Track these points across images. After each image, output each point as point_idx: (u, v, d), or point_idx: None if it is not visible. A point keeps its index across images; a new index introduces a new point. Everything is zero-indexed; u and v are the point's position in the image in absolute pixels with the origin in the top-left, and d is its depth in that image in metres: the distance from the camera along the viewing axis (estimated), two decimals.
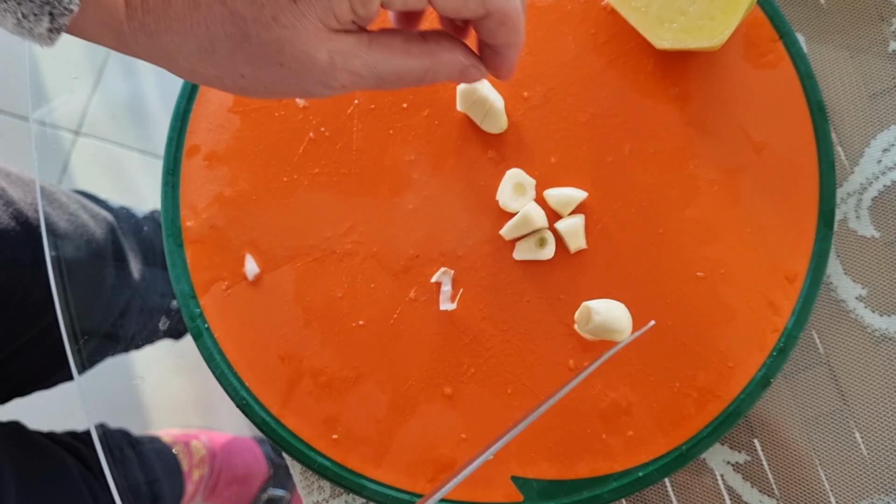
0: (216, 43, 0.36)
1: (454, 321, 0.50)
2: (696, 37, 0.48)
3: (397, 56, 0.39)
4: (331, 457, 0.49)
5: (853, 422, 0.49)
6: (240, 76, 0.38)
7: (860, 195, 0.51)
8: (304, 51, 0.36)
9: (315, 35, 0.36)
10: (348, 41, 0.37)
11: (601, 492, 0.48)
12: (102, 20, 0.36)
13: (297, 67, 0.37)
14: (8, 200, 0.68)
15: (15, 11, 0.33)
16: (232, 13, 0.35)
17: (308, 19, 0.36)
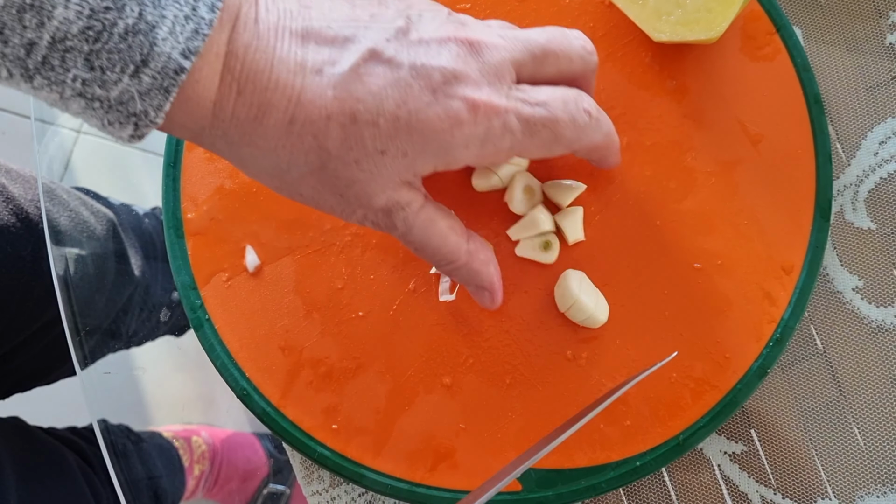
0: (293, 167, 0.38)
1: (453, 312, 0.50)
2: (693, 29, 0.49)
3: (435, 231, 0.41)
4: (330, 446, 0.50)
5: (849, 412, 0.50)
6: (298, 194, 0.39)
7: (857, 187, 0.52)
8: (368, 193, 0.38)
9: (385, 182, 0.38)
10: (408, 195, 0.39)
11: (599, 481, 0.48)
12: (184, 124, 0.37)
13: (354, 202, 0.38)
14: (8, 197, 0.69)
15: (101, 118, 0.34)
16: (320, 147, 0.36)
17: (387, 169, 0.37)
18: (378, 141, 0.36)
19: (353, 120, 0.36)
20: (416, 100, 0.36)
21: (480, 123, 0.37)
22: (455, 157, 0.38)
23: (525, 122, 0.38)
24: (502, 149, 0.39)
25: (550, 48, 0.40)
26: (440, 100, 0.36)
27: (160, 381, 0.83)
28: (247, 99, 0.36)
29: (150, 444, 0.87)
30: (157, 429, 0.96)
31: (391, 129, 0.36)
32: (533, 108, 0.38)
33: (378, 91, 0.36)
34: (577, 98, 0.40)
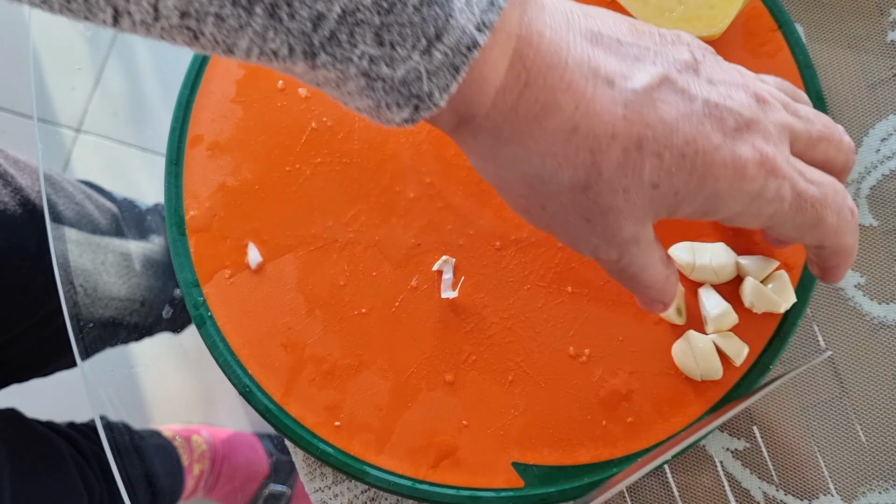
0: (555, 178, 0.34)
1: (455, 309, 0.50)
2: (695, 26, 0.49)
3: (652, 266, 0.38)
4: (333, 443, 0.50)
5: (852, 409, 0.50)
6: (541, 207, 0.36)
7: (858, 184, 0.52)
8: (619, 224, 0.35)
9: (640, 218, 0.35)
10: (648, 234, 0.37)
11: (602, 477, 0.48)
12: (456, 109, 0.33)
13: (599, 231, 0.36)
14: (16, 187, 0.69)
15: (379, 99, 0.31)
16: (594, 165, 0.34)
17: (651, 204, 0.35)
18: (656, 174, 0.34)
19: (639, 146, 0.33)
20: (707, 140, 0.34)
21: (759, 181, 0.34)
22: (720, 208, 0.36)
23: (797, 196, 0.36)
24: (763, 214, 0.36)
25: (826, 134, 0.39)
26: (730, 145, 0.34)
27: (161, 379, 0.83)
28: (534, 94, 0.33)
29: (149, 442, 0.87)
30: (156, 427, 0.96)
31: (674, 165, 0.33)
32: (807, 183, 0.36)
33: (670, 121, 0.33)
34: (846, 193, 0.38)
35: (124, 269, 0.73)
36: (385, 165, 0.52)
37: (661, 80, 0.34)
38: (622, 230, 0.35)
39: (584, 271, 0.50)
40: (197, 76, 0.55)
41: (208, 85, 0.55)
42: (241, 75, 0.55)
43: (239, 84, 0.54)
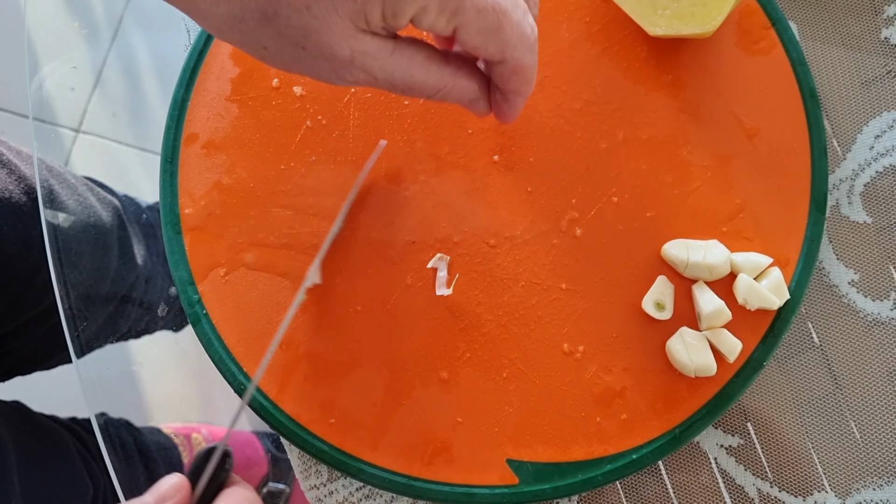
0: (246, 13, 0.37)
1: (450, 306, 0.51)
2: (688, 23, 0.49)
3: (416, 69, 0.39)
4: (328, 441, 0.50)
5: (846, 406, 0.50)
6: (262, 47, 0.38)
7: (852, 181, 0.52)
8: (327, 43, 0.37)
9: (342, 31, 0.37)
10: (373, 44, 0.38)
11: (595, 474, 0.48)
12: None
13: (317, 55, 0.37)
14: (20, 176, 0.69)
15: None
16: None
17: (339, 15, 0.36)
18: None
19: None
20: None
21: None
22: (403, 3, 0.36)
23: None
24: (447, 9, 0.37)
25: None
26: None
27: (159, 379, 0.83)
28: None
29: (150, 440, 0.87)
30: (156, 426, 0.96)
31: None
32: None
33: None
34: (527, 10, 0.39)
35: (125, 262, 0.73)
36: (379, 163, 0.52)
37: None
38: (335, 48, 0.37)
39: (579, 268, 0.50)
40: (192, 74, 0.55)
41: (203, 83, 0.55)
42: (236, 73, 0.55)
43: (234, 82, 0.55)
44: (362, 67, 0.38)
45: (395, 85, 0.40)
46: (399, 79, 0.39)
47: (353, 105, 0.53)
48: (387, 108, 0.53)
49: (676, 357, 0.48)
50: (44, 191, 0.66)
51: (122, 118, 0.83)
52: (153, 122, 0.66)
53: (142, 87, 0.73)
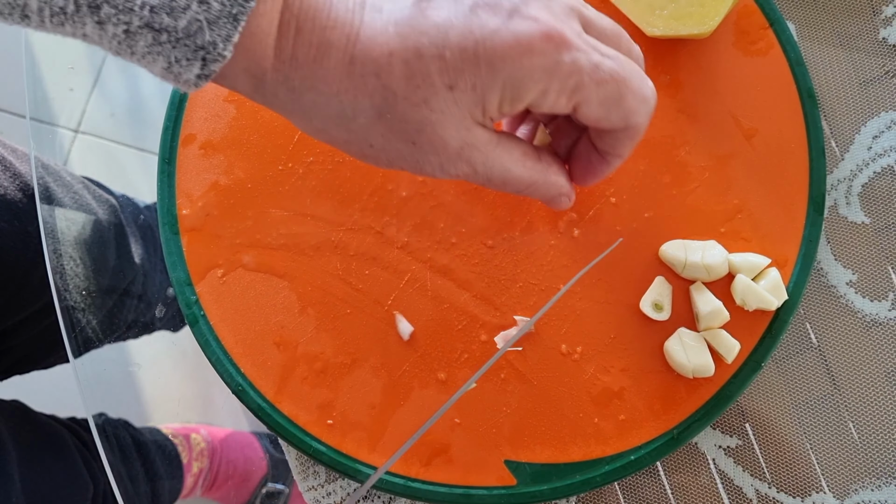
0: (358, 112, 0.36)
1: (448, 307, 0.50)
2: (686, 23, 0.49)
3: (514, 164, 0.39)
4: (326, 442, 0.50)
5: (844, 406, 0.50)
6: (369, 145, 0.37)
7: (850, 182, 0.52)
8: (441, 136, 0.36)
9: (458, 123, 0.36)
10: (482, 136, 0.37)
11: (593, 475, 0.48)
12: (247, 68, 0.35)
13: (428, 149, 0.37)
14: (15, 173, 0.69)
15: (168, 55, 0.33)
16: (384, 87, 0.35)
17: (458, 107, 0.36)
18: (445, 75, 0.34)
19: (418, 55, 0.34)
20: (483, 27, 0.34)
21: (550, 54, 0.35)
22: (523, 90, 0.36)
23: (594, 67, 0.36)
24: (567, 88, 0.36)
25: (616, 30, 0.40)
26: (508, 24, 0.34)
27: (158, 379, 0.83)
28: (306, 38, 0.34)
29: (149, 440, 0.87)
30: (155, 426, 0.96)
31: (458, 61, 0.34)
32: (603, 56, 0.36)
33: (443, 22, 0.34)
34: (643, 73, 0.38)
35: (122, 261, 0.73)
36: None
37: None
38: (448, 140, 0.36)
39: (577, 269, 0.50)
40: None
41: None
42: None
43: None
44: (469, 160, 0.38)
45: (492, 179, 0.39)
46: (497, 173, 0.39)
47: None
48: None
49: (674, 358, 0.48)
50: (40, 188, 0.66)
51: (121, 118, 0.83)
52: (152, 123, 0.66)
53: (140, 87, 0.73)
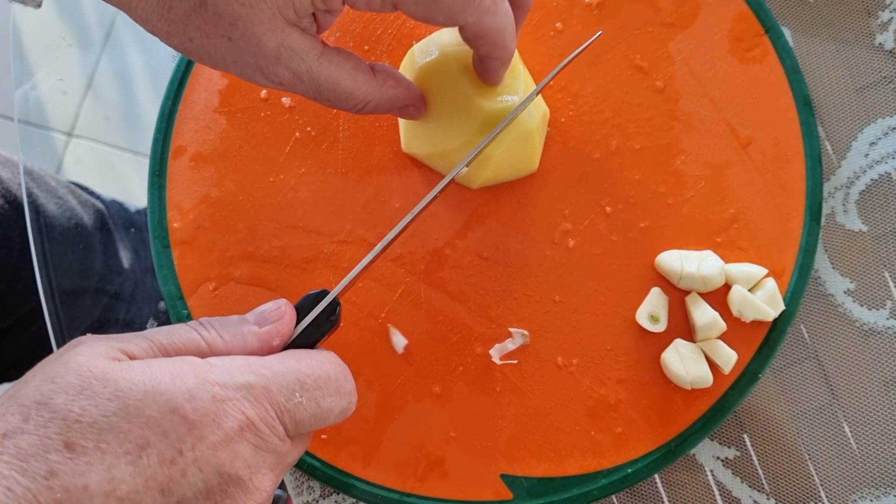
0: (175, 3, 0.36)
1: (442, 320, 0.50)
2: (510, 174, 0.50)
3: (343, 77, 0.40)
4: (320, 457, 0.49)
5: (842, 416, 0.49)
6: (188, 38, 0.38)
7: (847, 189, 0.51)
8: (254, 33, 0.37)
9: (270, 21, 0.36)
10: (301, 41, 0.38)
11: (590, 489, 0.48)
12: None
13: (244, 47, 0.37)
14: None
15: None
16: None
17: (267, 4, 0.36)
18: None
19: None
20: None
21: None
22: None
23: None
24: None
25: None
26: None
27: None
28: None
29: None
30: None
31: None
32: None
33: None
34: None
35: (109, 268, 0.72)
36: (370, 175, 0.52)
37: None
38: (263, 39, 0.37)
39: (572, 280, 0.50)
40: (179, 87, 0.54)
41: (191, 95, 0.54)
42: (223, 85, 0.54)
43: (222, 94, 0.54)
44: (288, 65, 0.38)
45: (321, 91, 0.40)
46: (325, 84, 0.39)
47: (342, 116, 0.53)
48: (376, 119, 0.52)
49: (672, 369, 0.47)
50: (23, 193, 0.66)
51: (115, 122, 0.82)
52: (146, 126, 0.65)
53: (134, 90, 0.73)
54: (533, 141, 0.48)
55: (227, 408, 0.31)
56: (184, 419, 0.30)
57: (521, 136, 0.47)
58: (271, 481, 0.33)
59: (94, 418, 0.29)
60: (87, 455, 0.29)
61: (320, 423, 0.36)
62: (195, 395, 0.31)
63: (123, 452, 0.29)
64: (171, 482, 0.30)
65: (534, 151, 0.49)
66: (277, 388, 0.34)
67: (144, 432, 0.30)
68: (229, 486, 0.31)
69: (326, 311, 0.40)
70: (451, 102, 0.47)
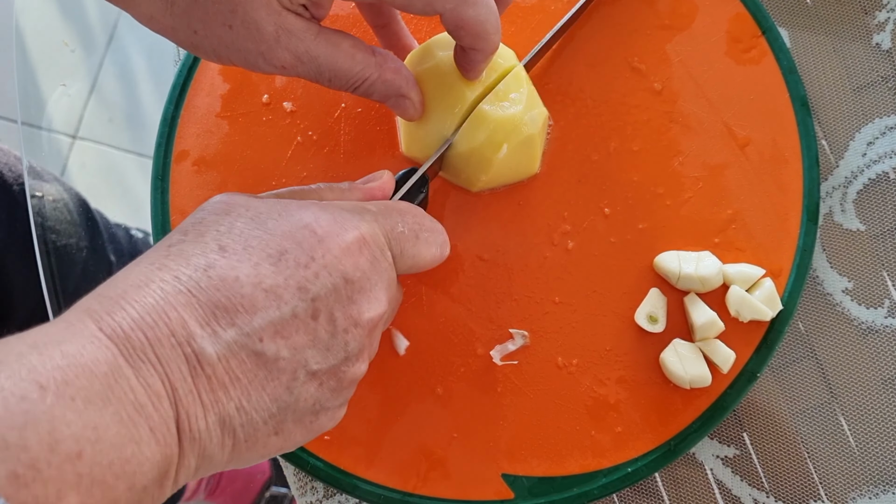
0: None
1: (443, 321, 0.50)
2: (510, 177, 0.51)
3: (341, 55, 0.41)
4: (323, 458, 0.50)
5: (841, 414, 0.50)
6: (192, 31, 0.39)
7: (845, 189, 0.52)
8: (253, 18, 0.38)
9: (266, 6, 0.38)
10: (297, 23, 0.39)
11: (591, 488, 0.48)
12: None
13: (245, 34, 0.39)
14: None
15: None
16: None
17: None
18: None
19: None
20: None
21: None
22: None
23: None
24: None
25: None
26: None
27: None
28: None
29: None
30: None
31: None
32: None
33: None
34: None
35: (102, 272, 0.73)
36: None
37: None
38: (262, 24, 0.39)
39: (571, 281, 0.50)
40: (182, 91, 0.55)
41: (193, 100, 0.55)
42: (225, 90, 0.54)
43: (224, 98, 0.54)
44: (287, 47, 0.40)
45: (321, 72, 0.41)
46: (324, 63, 0.41)
47: (343, 120, 0.53)
48: (377, 123, 0.53)
49: (671, 369, 0.48)
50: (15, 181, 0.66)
51: (119, 124, 0.83)
52: (150, 128, 0.66)
53: (138, 92, 0.73)
54: (534, 145, 0.49)
55: (346, 226, 0.37)
56: (313, 233, 0.36)
57: (523, 141, 0.48)
58: (387, 298, 0.38)
59: (241, 230, 0.35)
60: (238, 255, 0.34)
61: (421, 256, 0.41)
62: (320, 216, 0.36)
63: (266, 255, 0.34)
64: (306, 281, 0.35)
65: (535, 156, 0.50)
66: (384, 218, 0.39)
67: (282, 241, 0.35)
68: (354, 293, 0.36)
69: (418, 184, 0.46)
70: (450, 106, 0.47)
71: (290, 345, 0.34)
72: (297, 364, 0.35)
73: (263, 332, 0.33)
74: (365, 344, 0.37)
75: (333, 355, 0.36)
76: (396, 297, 0.43)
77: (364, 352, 0.38)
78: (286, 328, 0.34)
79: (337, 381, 0.36)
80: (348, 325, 0.36)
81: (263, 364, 0.33)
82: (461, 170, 0.49)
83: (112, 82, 0.77)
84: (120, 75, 0.76)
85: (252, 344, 0.33)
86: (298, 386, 0.35)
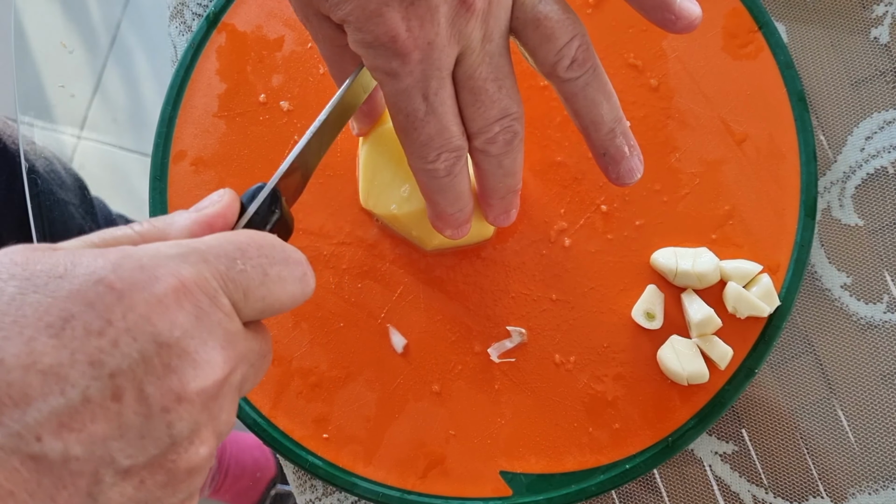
0: None
1: (441, 319, 0.51)
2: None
3: None
4: (322, 456, 0.50)
5: (840, 410, 0.50)
6: None
7: (843, 183, 0.51)
8: None
9: None
10: None
11: (589, 485, 0.48)
12: None
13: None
14: None
15: None
16: None
17: None
18: None
19: None
20: None
21: None
22: None
23: None
24: None
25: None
26: None
27: None
28: None
29: None
30: None
31: None
32: None
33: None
34: None
35: None
36: None
37: None
38: None
39: (568, 278, 0.50)
40: (179, 91, 0.55)
41: (190, 100, 0.55)
42: (223, 90, 0.55)
43: (221, 98, 0.55)
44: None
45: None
46: None
47: None
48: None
49: (668, 365, 0.48)
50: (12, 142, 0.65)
51: (123, 123, 0.83)
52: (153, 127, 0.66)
53: (141, 92, 0.73)
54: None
55: (157, 273, 0.28)
56: (109, 288, 0.28)
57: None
58: (224, 357, 0.30)
59: (11, 297, 0.27)
60: (4, 330, 0.26)
61: (274, 297, 0.32)
62: (120, 265, 0.28)
63: (44, 326, 0.27)
64: (101, 353, 0.27)
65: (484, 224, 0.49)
66: (215, 256, 0.30)
67: (67, 305, 0.27)
68: (171, 358, 0.28)
69: (267, 203, 0.37)
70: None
71: (84, 438, 0.27)
72: (99, 462, 0.27)
73: (41, 427, 0.26)
74: (201, 421, 0.29)
75: (153, 444, 0.28)
76: (252, 350, 0.32)
77: (202, 430, 0.29)
78: (76, 418, 0.26)
79: (167, 475, 0.29)
80: (168, 401, 0.28)
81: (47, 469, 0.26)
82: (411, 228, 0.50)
83: (116, 82, 0.77)
84: (123, 75, 0.76)
85: (26, 446, 0.26)
86: (106, 490, 0.27)
